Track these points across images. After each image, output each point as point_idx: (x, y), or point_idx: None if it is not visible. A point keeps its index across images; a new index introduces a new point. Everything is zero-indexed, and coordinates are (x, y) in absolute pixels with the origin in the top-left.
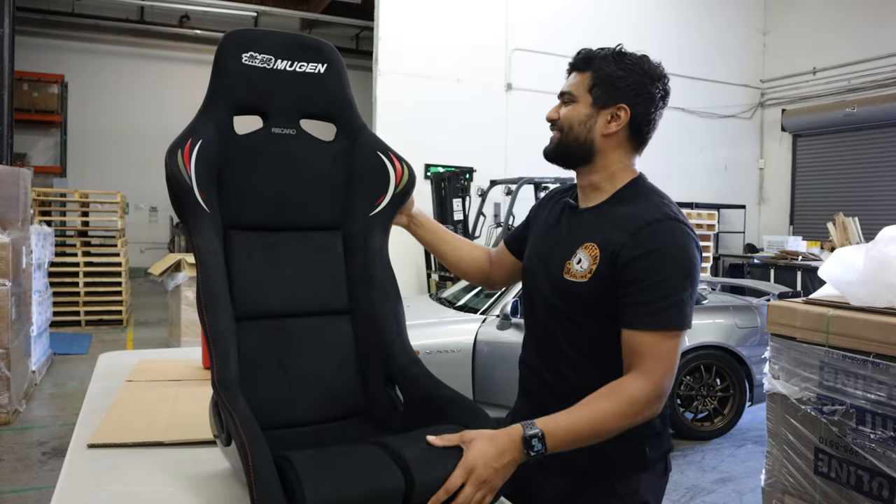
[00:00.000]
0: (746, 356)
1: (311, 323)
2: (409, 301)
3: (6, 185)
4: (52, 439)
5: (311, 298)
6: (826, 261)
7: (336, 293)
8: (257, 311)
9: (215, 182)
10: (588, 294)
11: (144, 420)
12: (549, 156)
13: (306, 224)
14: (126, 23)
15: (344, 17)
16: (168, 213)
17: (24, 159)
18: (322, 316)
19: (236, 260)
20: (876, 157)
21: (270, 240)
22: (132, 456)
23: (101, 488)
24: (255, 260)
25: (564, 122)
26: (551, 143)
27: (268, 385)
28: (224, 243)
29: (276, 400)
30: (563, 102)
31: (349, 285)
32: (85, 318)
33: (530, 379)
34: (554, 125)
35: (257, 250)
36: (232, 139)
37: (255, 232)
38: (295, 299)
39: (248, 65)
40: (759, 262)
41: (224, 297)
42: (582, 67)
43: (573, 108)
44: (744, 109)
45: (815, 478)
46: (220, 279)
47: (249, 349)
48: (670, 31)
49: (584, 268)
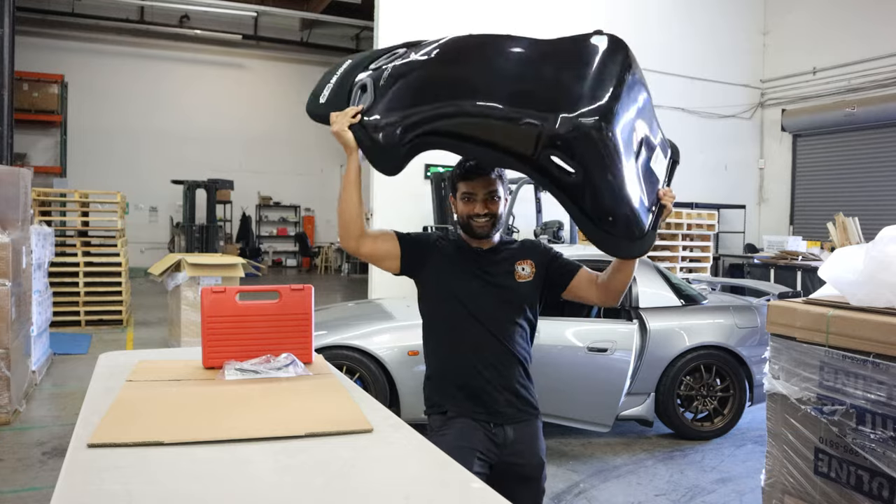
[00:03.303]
0: (746, 356)
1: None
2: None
3: (6, 185)
4: (52, 439)
5: None
6: (826, 261)
7: None
8: None
9: None
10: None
11: (144, 420)
12: (488, 235)
13: None
14: (126, 23)
15: (344, 17)
16: (168, 213)
17: (24, 159)
18: None
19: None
20: (876, 157)
21: None
22: (132, 456)
23: (101, 488)
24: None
25: (498, 212)
26: (487, 229)
27: None
28: None
29: None
30: (491, 200)
31: None
32: (85, 318)
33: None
34: (486, 217)
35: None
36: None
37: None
38: None
39: None
40: (759, 262)
41: None
42: (489, 173)
43: (499, 203)
44: (744, 109)
45: (815, 478)
46: None
47: None
48: (671, 31)
49: (527, 272)
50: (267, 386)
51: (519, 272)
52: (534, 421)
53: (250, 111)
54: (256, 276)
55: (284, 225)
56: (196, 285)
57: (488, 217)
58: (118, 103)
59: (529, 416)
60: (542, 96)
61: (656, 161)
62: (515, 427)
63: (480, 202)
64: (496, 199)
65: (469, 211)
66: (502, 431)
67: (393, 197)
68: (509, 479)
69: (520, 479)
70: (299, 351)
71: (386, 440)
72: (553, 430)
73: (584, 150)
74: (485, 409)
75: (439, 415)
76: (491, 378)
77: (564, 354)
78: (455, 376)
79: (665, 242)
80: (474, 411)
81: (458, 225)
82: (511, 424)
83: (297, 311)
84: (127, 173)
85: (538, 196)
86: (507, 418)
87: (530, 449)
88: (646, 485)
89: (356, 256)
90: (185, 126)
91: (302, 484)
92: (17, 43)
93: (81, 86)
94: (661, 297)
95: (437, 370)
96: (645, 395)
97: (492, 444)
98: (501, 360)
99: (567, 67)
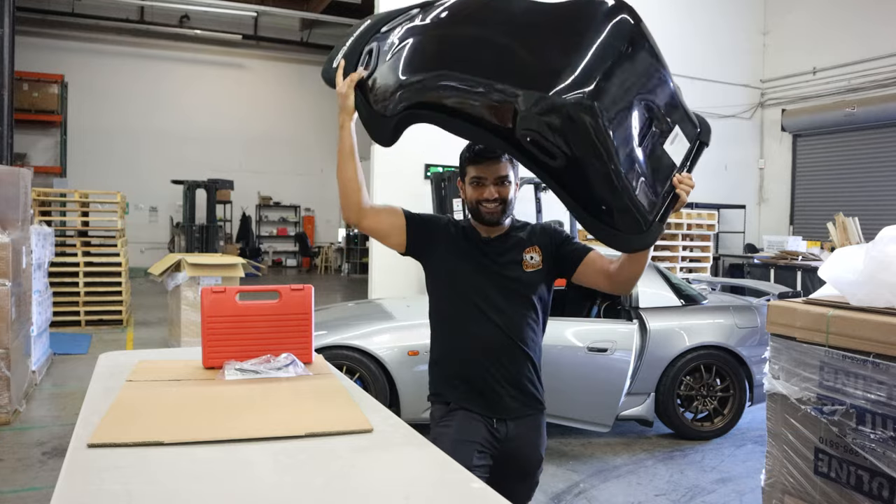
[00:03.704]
0: (746, 356)
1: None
2: (409, 301)
3: (6, 185)
4: (52, 439)
5: None
6: (826, 261)
7: None
8: None
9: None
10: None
11: (144, 420)
12: (498, 222)
13: None
14: (126, 23)
15: (344, 17)
16: (168, 213)
17: (24, 159)
18: None
19: None
20: (876, 157)
21: None
22: (132, 456)
23: (101, 488)
24: None
25: (508, 197)
26: (497, 215)
27: None
28: None
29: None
30: (502, 185)
31: None
32: (85, 318)
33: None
34: (496, 202)
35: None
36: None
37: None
38: None
39: None
40: (759, 262)
41: None
42: (500, 156)
43: (509, 188)
44: (744, 109)
45: (815, 478)
46: None
47: None
48: (671, 31)
49: (535, 261)
50: (267, 386)
51: (527, 261)
52: (538, 416)
53: (250, 111)
54: (256, 276)
55: (284, 225)
56: (196, 285)
57: (498, 202)
58: (118, 103)
59: (534, 412)
60: (524, 70)
61: (674, 142)
62: (518, 422)
63: (490, 187)
64: (506, 183)
65: (478, 196)
66: (504, 426)
67: (394, 197)
68: (508, 471)
69: (518, 473)
70: (299, 351)
71: (386, 440)
72: (553, 430)
73: (565, 132)
74: (487, 404)
75: (442, 404)
76: (495, 373)
77: (564, 354)
78: (459, 366)
79: (665, 242)
80: (477, 405)
81: (468, 211)
82: (514, 420)
83: (297, 311)
84: (127, 173)
85: (538, 196)
86: (511, 413)
87: (531, 444)
88: (646, 485)
89: (360, 230)
90: (185, 126)
91: (302, 484)
92: (17, 43)
93: (81, 86)
94: (661, 297)
95: (441, 356)
96: (645, 395)
97: (493, 437)
98: (508, 354)
99: (557, 36)
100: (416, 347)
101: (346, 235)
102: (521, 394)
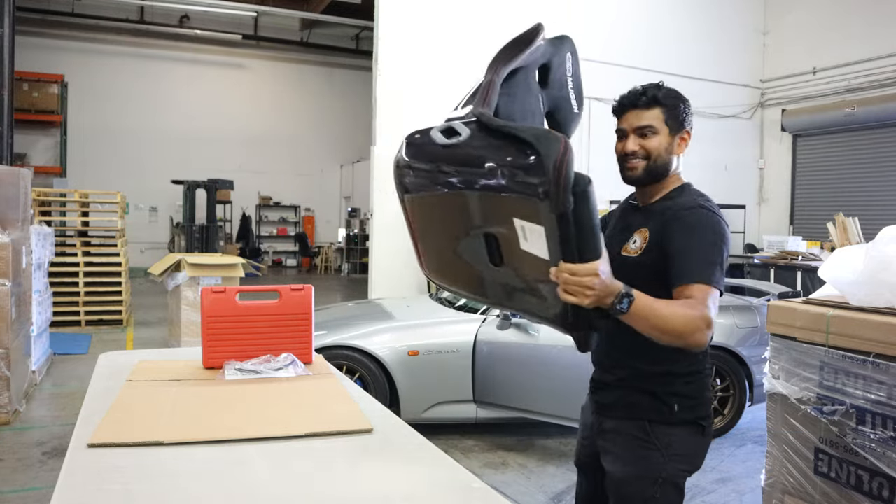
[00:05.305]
0: (746, 356)
1: None
2: (409, 301)
3: (6, 185)
4: (52, 439)
5: None
6: (826, 261)
7: None
8: None
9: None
10: (639, 264)
11: (144, 420)
12: (639, 181)
13: None
14: (126, 23)
15: (344, 17)
16: (168, 213)
17: (24, 159)
18: None
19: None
20: (876, 157)
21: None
22: (132, 456)
23: (101, 488)
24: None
25: (653, 151)
26: (639, 170)
27: None
28: None
29: None
30: (641, 135)
31: None
32: (85, 318)
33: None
34: (635, 155)
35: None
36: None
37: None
38: None
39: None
40: (759, 262)
41: None
42: (650, 104)
43: (658, 139)
44: (744, 109)
45: (815, 478)
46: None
47: None
48: (670, 31)
49: (636, 246)
50: (267, 386)
51: (629, 245)
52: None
53: (250, 111)
54: (256, 276)
55: (284, 225)
56: (196, 285)
57: (639, 157)
58: (118, 103)
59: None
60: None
61: (530, 237)
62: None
63: (630, 138)
64: (648, 133)
65: (619, 150)
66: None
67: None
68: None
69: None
70: (299, 351)
71: (386, 440)
72: (553, 430)
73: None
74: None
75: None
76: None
77: (564, 354)
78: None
79: None
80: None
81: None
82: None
83: (297, 311)
84: (127, 173)
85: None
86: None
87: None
88: None
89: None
90: (186, 126)
91: (302, 484)
92: (17, 43)
93: (81, 86)
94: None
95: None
96: None
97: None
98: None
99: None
100: (416, 347)
101: (345, 235)
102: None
